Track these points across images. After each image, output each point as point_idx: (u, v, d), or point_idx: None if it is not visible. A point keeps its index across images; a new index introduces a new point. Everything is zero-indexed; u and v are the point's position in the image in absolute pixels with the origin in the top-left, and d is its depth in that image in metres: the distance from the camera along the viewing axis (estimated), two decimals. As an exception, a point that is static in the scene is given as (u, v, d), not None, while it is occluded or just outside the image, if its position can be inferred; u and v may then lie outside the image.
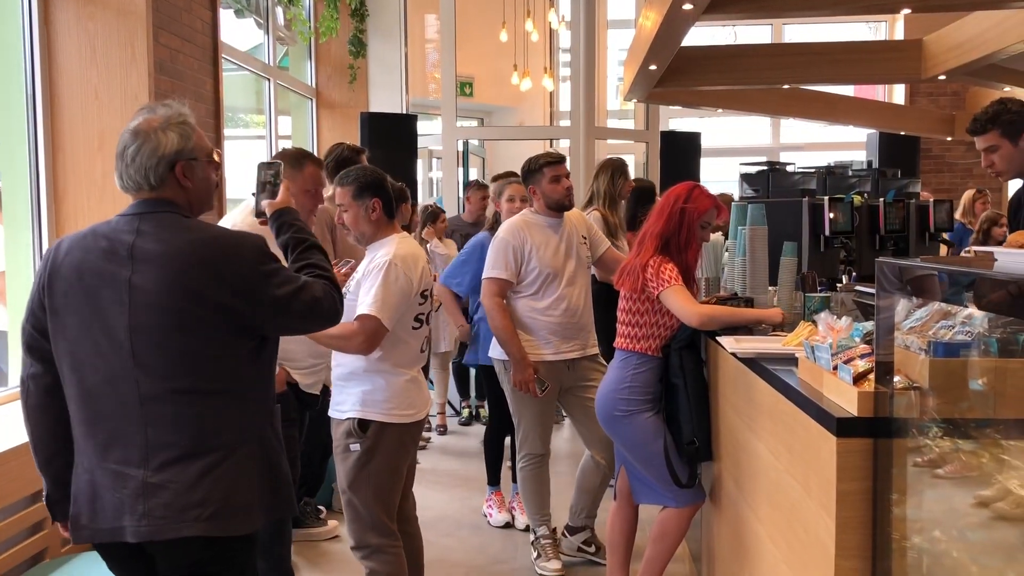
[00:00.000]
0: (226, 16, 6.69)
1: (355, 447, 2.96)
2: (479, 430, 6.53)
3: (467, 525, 4.66)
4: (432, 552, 4.26)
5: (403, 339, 3.00)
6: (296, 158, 3.31)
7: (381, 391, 2.97)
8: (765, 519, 2.45)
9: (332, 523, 4.52)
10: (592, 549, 4.10)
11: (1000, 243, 4.93)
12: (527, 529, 4.30)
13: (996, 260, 1.59)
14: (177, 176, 2.06)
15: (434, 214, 6.19)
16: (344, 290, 2.95)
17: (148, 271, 1.97)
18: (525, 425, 4.00)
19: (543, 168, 3.90)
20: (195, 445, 2.00)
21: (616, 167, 5.11)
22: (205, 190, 2.13)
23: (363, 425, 2.96)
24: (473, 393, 6.86)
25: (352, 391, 3.00)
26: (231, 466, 2.03)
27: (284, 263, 2.19)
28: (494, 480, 4.75)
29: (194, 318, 1.97)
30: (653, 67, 5.76)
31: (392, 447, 3.00)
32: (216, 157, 2.17)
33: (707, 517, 3.42)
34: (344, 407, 3.01)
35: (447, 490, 5.21)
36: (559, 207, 3.92)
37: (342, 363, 3.04)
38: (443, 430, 6.48)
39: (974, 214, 6.60)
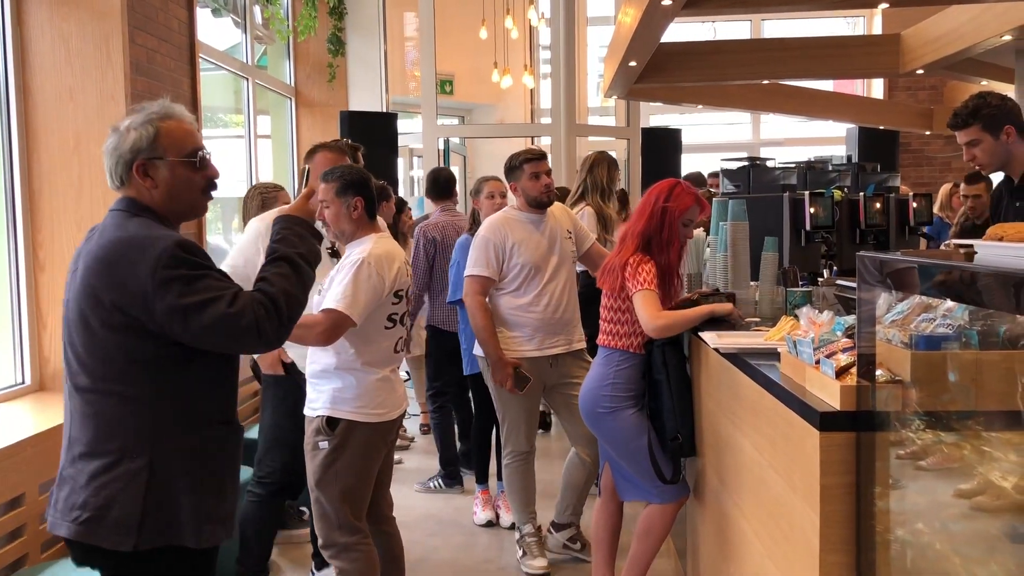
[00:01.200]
0: (203, 15, 6.64)
1: (323, 445, 2.96)
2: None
3: (452, 524, 4.65)
4: (417, 552, 4.25)
5: (375, 338, 2.99)
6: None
7: (352, 389, 2.96)
8: (749, 514, 2.45)
9: None
10: (578, 546, 4.10)
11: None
12: (512, 527, 4.30)
13: (976, 253, 1.59)
14: (136, 175, 2.03)
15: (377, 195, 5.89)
16: (318, 286, 2.94)
17: (78, 269, 2.01)
18: (509, 422, 4.00)
19: (523, 164, 3.90)
20: (92, 445, 1.98)
21: (609, 160, 5.20)
22: (178, 191, 2.06)
23: (332, 423, 2.96)
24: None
25: (323, 388, 3.00)
26: (118, 475, 1.96)
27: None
28: (481, 478, 4.74)
29: (95, 317, 1.95)
30: (633, 63, 5.76)
31: (361, 446, 2.98)
32: (199, 157, 2.08)
33: (692, 513, 3.42)
34: (315, 404, 3.02)
35: (433, 489, 5.18)
36: (538, 204, 3.91)
37: (315, 360, 3.03)
38: (426, 429, 6.46)
39: (951, 208, 6.64)
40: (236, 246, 3.56)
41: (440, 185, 5.33)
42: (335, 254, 3.32)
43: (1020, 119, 3.22)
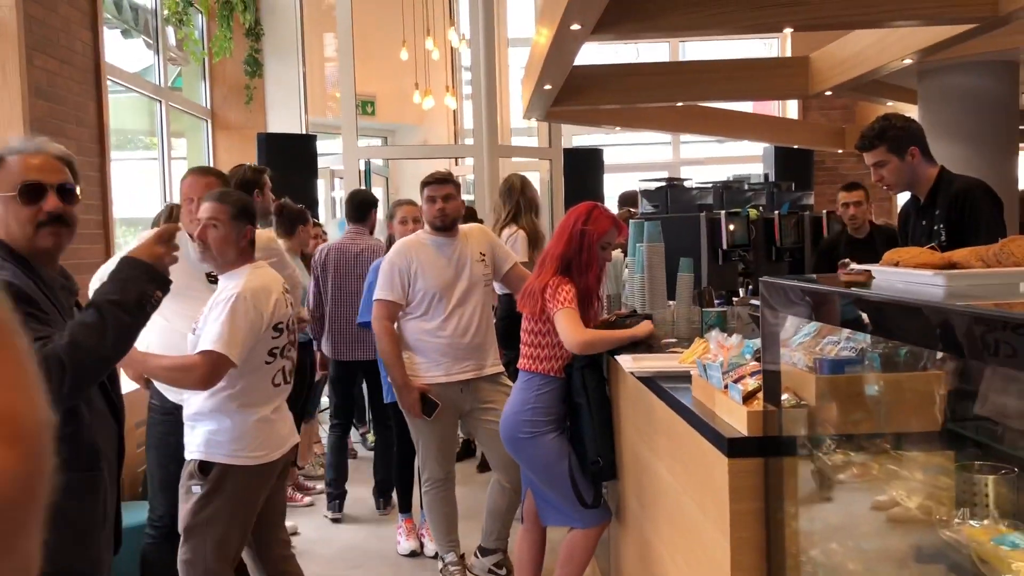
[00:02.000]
0: (112, 36, 6.46)
1: (196, 489, 2.79)
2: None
3: (376, 555, 4.55)
4: (339, 585, 4.15)
5: (253, 376, 2.82)
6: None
7: (227, 432, 2.79)
8: (666, 539, 2.44)
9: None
10: (503, 572, 4.05)
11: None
12: (436, 556, 4.22)
13: (873, 279, 1.61)
14: None
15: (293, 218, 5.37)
16: (192, 325, 2.80)
17: None
18: (423, 449, 3.94)
19: (423, 188, 3.92)
20: None
21: (523, 179, 5.27)
22: (10, 227, 1.97)
23: (204, 467, 2.79)
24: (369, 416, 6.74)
25: (199, 431, 2.83)
26: None
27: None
28: (404, 507, 4.65)
29: None
30: (548, 86, 5.80)
31: (237, 491, 2.80)
32: (27, 189, 1.97)
33: (615, 536, 3.41)
34: (191, 448, 2.85)
35: (356, 519, 5.08)
36: (435, 227, 3.90)
37: (190, 402, 2.87)
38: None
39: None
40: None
41: (354, 207, 5.24)
42: (214, 280, 3.10)
43: (923, 140, 3.32)
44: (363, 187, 8.02)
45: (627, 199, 6.97)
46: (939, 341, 1.27)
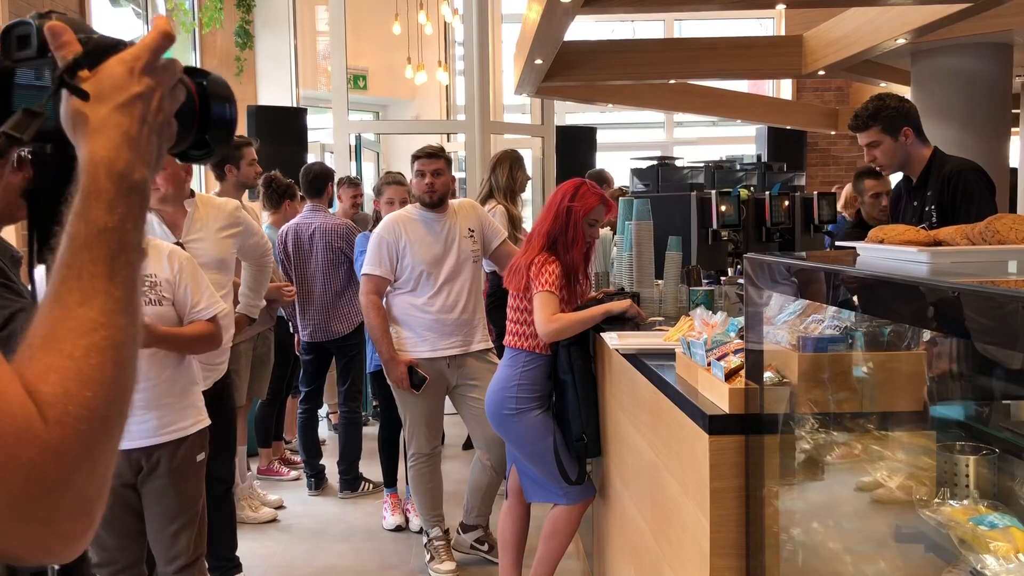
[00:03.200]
0: (100, 5, 6.38)
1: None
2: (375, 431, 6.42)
3: (360, 530, 4.55)
4: (323, 558, 4.15)
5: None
6: None
7: None
8: (648, 516, 2.44)
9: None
10: (485, 547, 4.06)
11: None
12: (421, 531, 4.23)
13: (858, 256, 1.60)
14: None
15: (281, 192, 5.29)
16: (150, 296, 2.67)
17: None
18: (410, 424, 3.93)
19: (413, 161, 3.90)
20: None
21: (513, 159, 5.04)
22: None
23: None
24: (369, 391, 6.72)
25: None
26: None
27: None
28: (389, 482, 4.65)
29: None
30: (539, 61, 5.74)
31: None
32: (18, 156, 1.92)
33: (598, 513, 3.41)
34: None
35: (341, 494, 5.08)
36: (423, 203, 3.87)
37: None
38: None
39: (855, 206, 6.80)
40: None
41: (308, 182, 5.02)
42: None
43: (917, 121, 3.28)
44: (353, 162, 7.98)
45: (596, 179, 6.84)
46: (920, 318, 1.25)
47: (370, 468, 5.18)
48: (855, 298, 1.39)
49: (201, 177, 6.97)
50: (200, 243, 3.33)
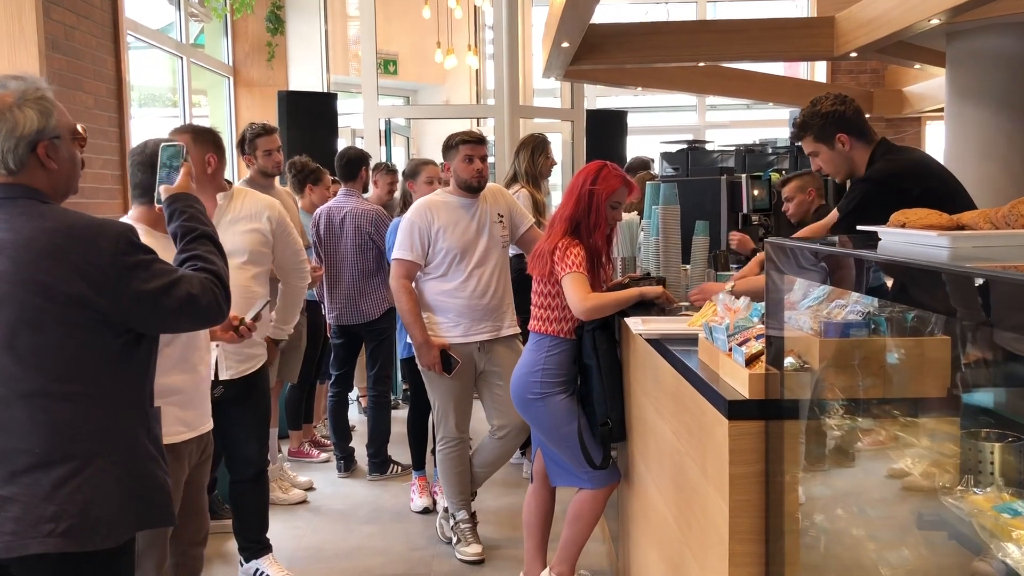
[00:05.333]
0: (133, -9, 6.43)
1: None
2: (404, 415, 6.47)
3: (388, 512, 4.60)
4: (351, 540, 4.20)
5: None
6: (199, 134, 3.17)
7: None
8: (670, 501, 2.44)
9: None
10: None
11: None
12: (446, 512, 4.25)
13: (880, 240, 1.58)
14: (40, 158, 1.89)
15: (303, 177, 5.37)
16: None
17: None
18: (440, 408, 3.95)
19: (459, 145, 3.84)
20: (48, 453, 1.85)
21: (536, 144, 4.99)
22: (70, 171, 1.98)
23: None
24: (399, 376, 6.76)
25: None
26: (90, 476, 1.87)
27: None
28: (418, 464, 4.69)
29: (45, 314, 1.82)
30: (565, 44, 5.70)
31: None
32: (81, 132, 2.00)
33: (623, 497, 3.42)
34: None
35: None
36: (468, 187, 3.85)
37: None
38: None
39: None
40: None
41: (343, 166, 5.03)
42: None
43: (855, 122, 3.01)
44: (383, 146, 8.00)
45: (637, 163, 6.76)
46: (940, 304, 1.24)
47: (399, 451, 5.23)
48: (877, 284, 1.38)
49: (234, 167, 7.04)
50: (223, 235, 3.35)
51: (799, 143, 3.13)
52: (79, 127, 2.01)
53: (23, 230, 1.84)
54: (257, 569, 3.65)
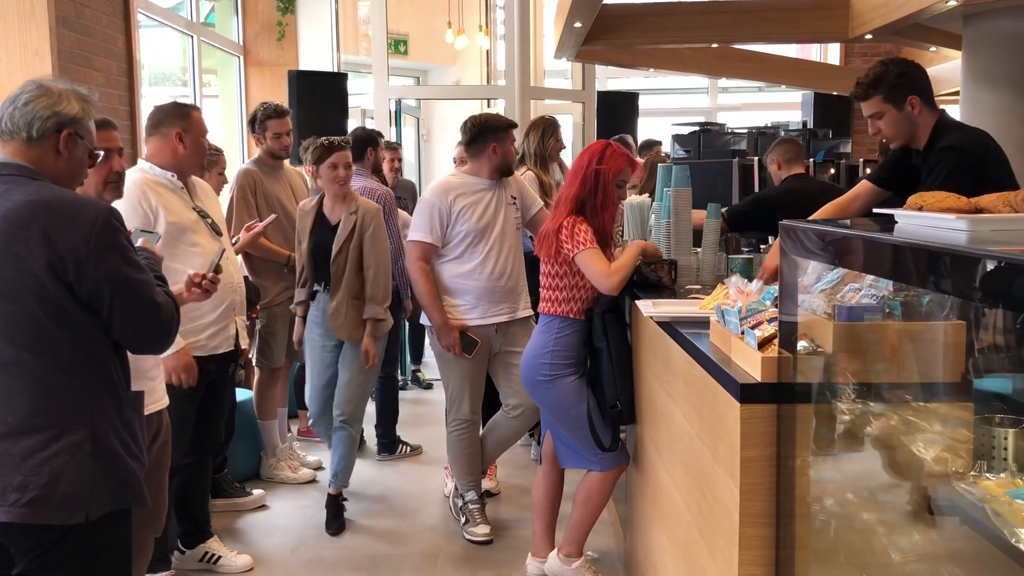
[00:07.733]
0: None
1: None
2: (411, 395, 6.48)
3: (398, 492, 4.61)
4: (360, 520, 4.22)
5: None
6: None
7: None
8: (680, 484, 2.44)
9: (258, 492, 4.45)
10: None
11: None
12: (456, 493, 4.26)
13: (896, 223, 1.56)
14: (59, 141, 1.98)
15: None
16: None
17: None
18: (452, 390, 3.95)
19: (500, 131, 3.86)
20: (20, 423, 1.89)
21: (546, 127, 4.95)
22: (75, 170, 2.05)
23: None
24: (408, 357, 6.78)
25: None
26: (60, 450, 1.90)
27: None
28: None
29: (21, 285, 1.86)
30: (577, 24, 5.65)
31: None
32: (98, 152, 2.11)
33: (631, 480, 3.42)
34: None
35: (402, 460, 5.11)
36: (504, 173, 3.87)
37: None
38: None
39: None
40: None
41: (355, 146, 4.79)
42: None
43: (926, 87, 2.95)
44: (393, 127, 7.97)
45: (645, 144, 6.69)
46: (956, 288, 1.22)
47: (407, 431, 5.24)
48: (888, 266, 1.36)
49: (244, 149, 7.03)
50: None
51: (863, 102, 2.99)
52: (99, 151, 2.11)
53: (6, 202, 1.89)
54: (207, 552, 3.65)
